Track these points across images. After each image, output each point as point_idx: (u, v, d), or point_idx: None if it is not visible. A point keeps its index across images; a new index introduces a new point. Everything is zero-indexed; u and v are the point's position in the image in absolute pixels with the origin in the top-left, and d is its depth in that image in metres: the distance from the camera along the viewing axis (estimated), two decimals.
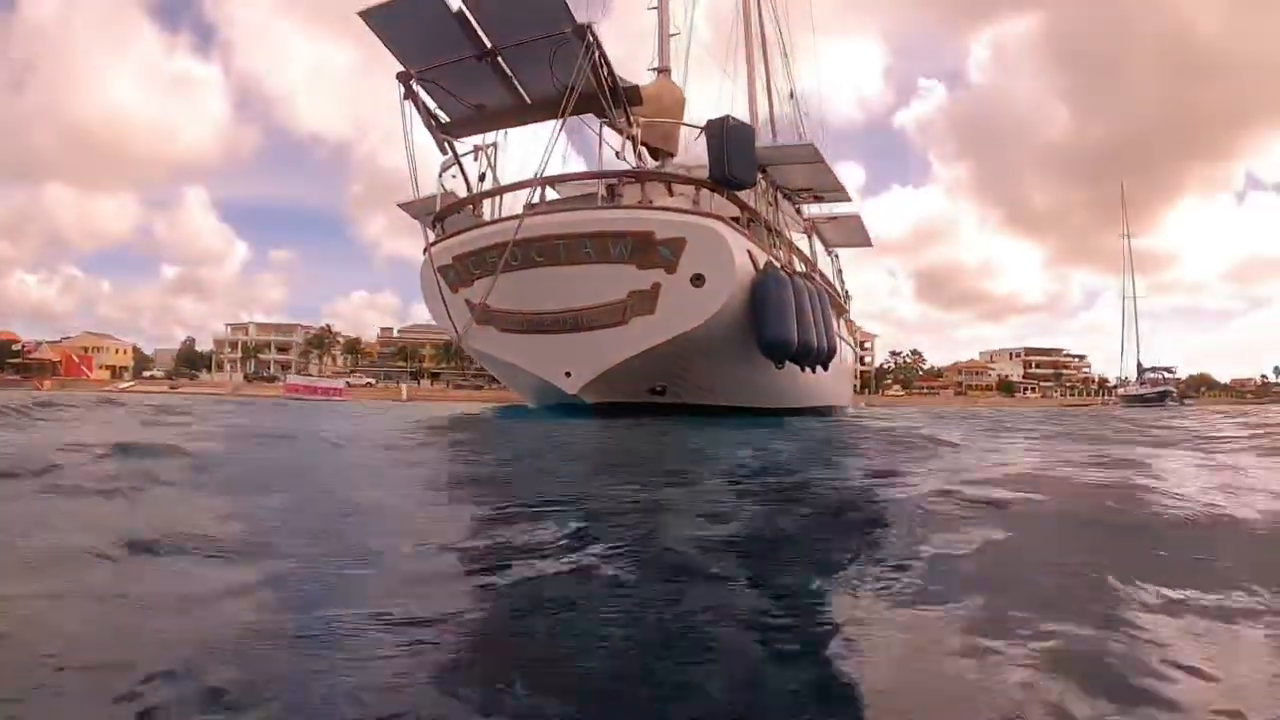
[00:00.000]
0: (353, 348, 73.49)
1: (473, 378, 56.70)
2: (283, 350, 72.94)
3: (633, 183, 9.88)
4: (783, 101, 19.22)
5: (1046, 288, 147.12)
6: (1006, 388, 79.68)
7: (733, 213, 10.04)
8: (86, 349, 66.45)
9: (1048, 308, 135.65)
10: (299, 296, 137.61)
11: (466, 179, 10.88)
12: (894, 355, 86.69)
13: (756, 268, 9.56)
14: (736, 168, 9.53)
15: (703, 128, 9.90)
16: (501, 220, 9.81)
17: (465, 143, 10.90)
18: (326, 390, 32.85)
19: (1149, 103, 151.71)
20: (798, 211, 14.05)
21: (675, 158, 11.85)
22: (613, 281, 9.06)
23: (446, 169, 10.93)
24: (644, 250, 8.91)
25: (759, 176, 10.69)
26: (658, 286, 8.95)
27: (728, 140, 9.46)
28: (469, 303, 10.02)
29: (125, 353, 71.87)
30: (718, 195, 9.86)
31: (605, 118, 9.87)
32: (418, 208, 11.14)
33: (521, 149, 11.01)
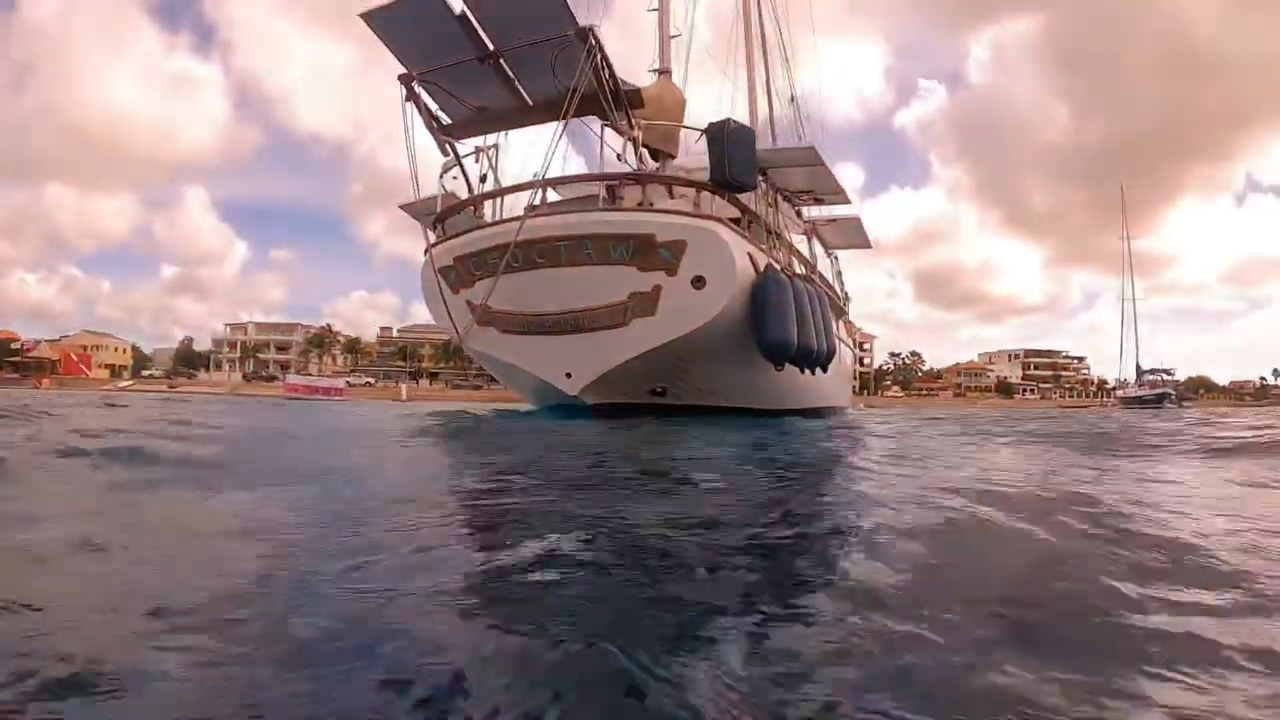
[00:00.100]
0: (352, 347, 73.53)
1: (473, 378, 56.69)
2: (283, 350, 72.95)
3: (633, 184, 9.91)
4: (783, 103, 19.27)
5: (1046, 289, 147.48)
6: (1005, 389, 79.71)
7: (733, 215, 10.05)
8: (85, 348, 66.42)
9: (1047, 309, 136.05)
10: (299, 296, 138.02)
11: (468, 180, 10.90)
12: (893, 356, 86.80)
13: (757, 270, 9.60)
14: (737, 171, 9.54)
15: (704, 130, 9.92)
16: (502, 222, 9.82)
17: (466, 144, 10.92)
18: (327, 390, 32.91)
19: (1148, 103, 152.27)
20: (797, 214, 14.07)
21: (675, 159, 11.88)
22: (613, 283, 9.09)
23: (447, 170, 10.93)
24: (645, 252, 8.94)
25: (759, 179, 10.72)
26: (658, 288, 8.98)
27: (729, 143, 9.48)
28: (470, 304, 10.04)
29: (124, 352, 71.83)
30: (718, 197, 9.88)
31: (607, 120, 9.89)
32: (419, 209, 11.15)
33: (522, 150, 11.06)
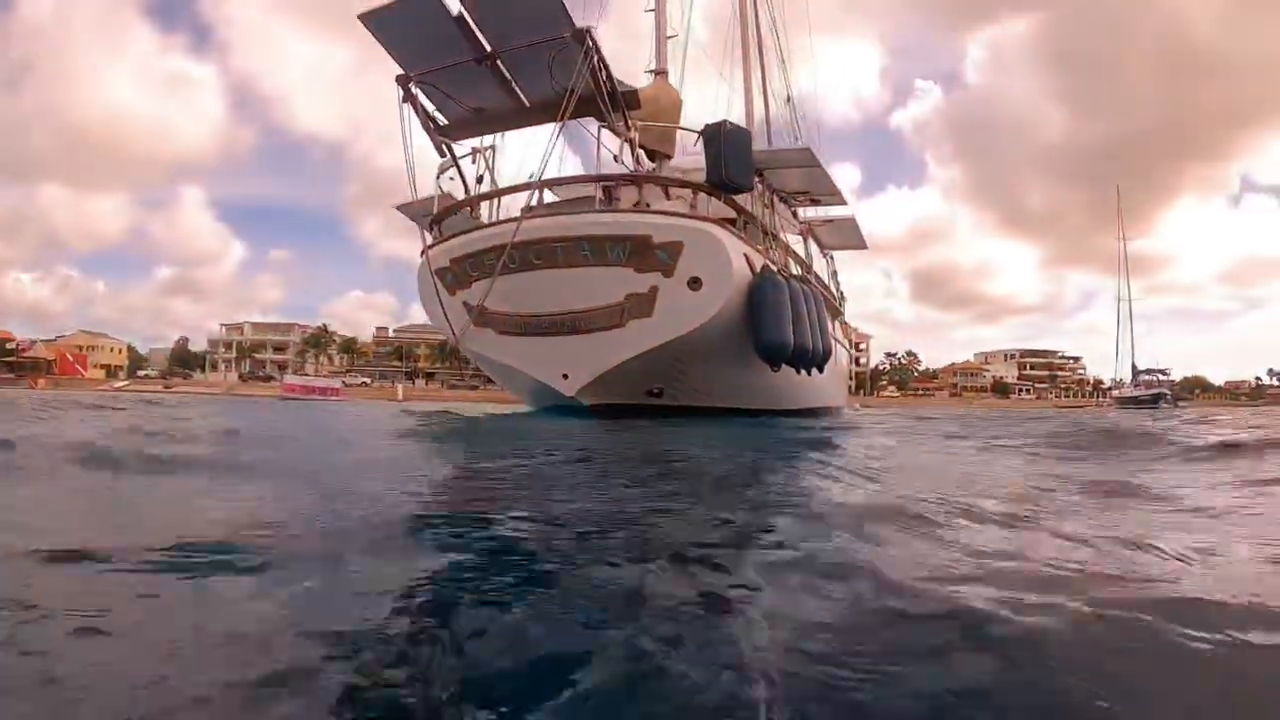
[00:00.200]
0: (349, 347, 73.44)
1: (469, 378, 56.75)
2: (279, 350, 72.83)
3: (630, 186, 9.93)
4: (779, 103, 19.34)
5: (1042, 289, 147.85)
6: (1001, 389, 79.90)
7: (729, 216, 10.09)
8: (81, 348, 66.17)
9: (1044, 309, 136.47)
10: (296, 296, 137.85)
11: (464, 181, 10.90)
12: (889, 356, 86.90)
13: (753, 271, 9.63)
14: (734, 172, 9.57)
15: (700, 132, 9.95)
16: (499, 223, 9.82)
17: (463, 145, 10.90)
18: (323, 390, 32.87)
19: (1145, 104, 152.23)
20: (793, 214, 14.11)
21: (672, 160, 11.91)
22: (610, 284, 9.10)
23: (444, 171, 10.91)
24: (642, 253, 8.96)
25: (755, 180, 10.75)
26: (655, 289, 9.00)
27: (725, 145, 9.51)
28: (467, 305, 10.04)
29: (120, 352, 71.62)
30: (714, 199, 9.91)
31: (603, 121, 9.90)
32: (415, 210, 11.15)
33: (519, 151, 11.03)
